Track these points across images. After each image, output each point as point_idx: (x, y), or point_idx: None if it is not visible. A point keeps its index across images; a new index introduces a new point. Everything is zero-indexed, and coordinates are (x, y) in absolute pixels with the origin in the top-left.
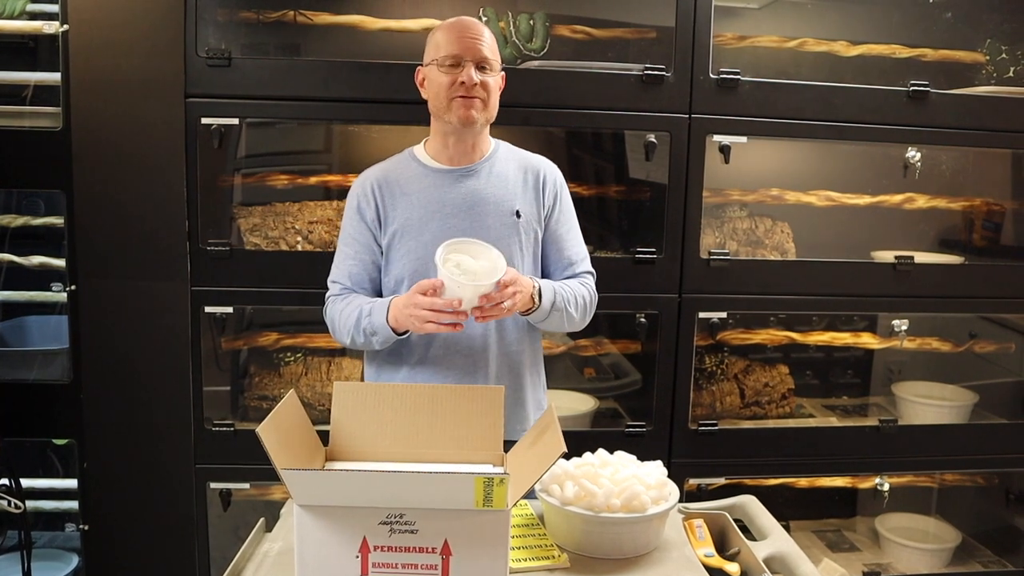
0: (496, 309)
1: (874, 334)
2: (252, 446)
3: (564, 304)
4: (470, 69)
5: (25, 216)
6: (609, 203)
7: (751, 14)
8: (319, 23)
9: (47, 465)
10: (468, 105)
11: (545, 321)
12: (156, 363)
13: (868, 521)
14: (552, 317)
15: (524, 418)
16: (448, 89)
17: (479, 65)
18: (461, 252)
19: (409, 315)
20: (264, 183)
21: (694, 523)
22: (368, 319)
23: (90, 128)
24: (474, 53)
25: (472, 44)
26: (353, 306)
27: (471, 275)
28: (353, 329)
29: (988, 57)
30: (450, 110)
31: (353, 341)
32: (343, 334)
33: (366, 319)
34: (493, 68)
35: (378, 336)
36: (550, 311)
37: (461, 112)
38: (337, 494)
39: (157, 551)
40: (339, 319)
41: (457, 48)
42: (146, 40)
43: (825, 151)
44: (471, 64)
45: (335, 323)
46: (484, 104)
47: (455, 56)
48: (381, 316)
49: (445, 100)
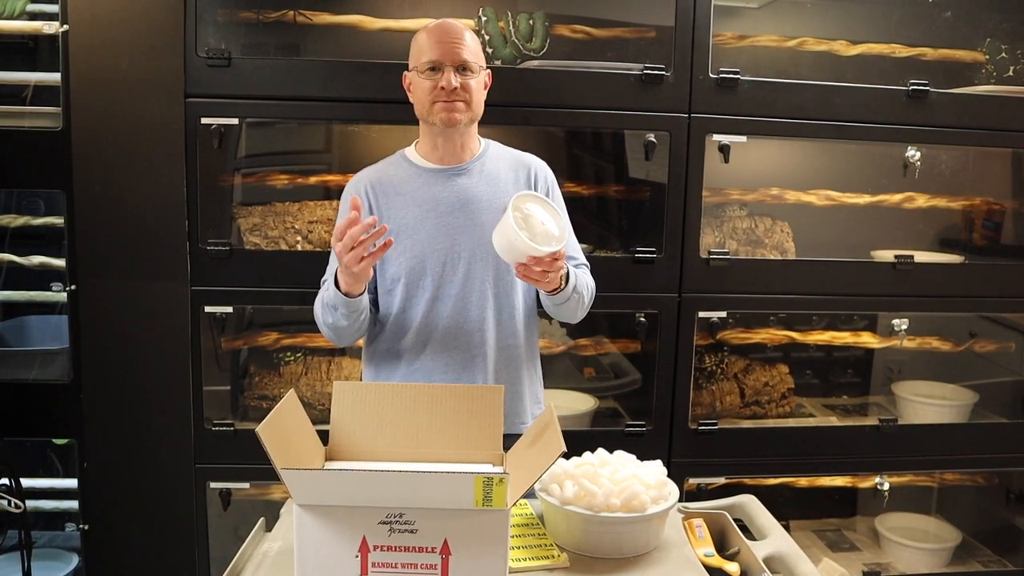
0: (540, 274)
1: (874, 333)
2: (252, 446)
3: (581, 289)
4: (449, 74)
5: (25, 216)
6: (609, 203)
7: (751, 13)
8: (319, 23)
9: (47, 465)
10: (450, 108)
11: (564, 304)
12: (156, 363)
13: (868, 521)
14: (571, 300)
15: (521, 411)
16: (430, 94)
17: (459, 68)
18: (535, 204)
19: (344, 266)
20: (264, 183)
21: (694, 523)
22: (327, 294)
23: (90, 128)
24: (453, 57)
25: (450, 48)
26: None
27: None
28: (323, 311)
29: (988, 56)
30: (433, 113)
31: (326, 324)
32: (320, 322)
33: (327, 295)
34: (474, 69)
35: (339, 308)
36: (571, 294)
37: (443, 115)
38: (337, 494)
39: (157, 551)
40: (317, 309)
41: (435, 53)
42: (146, 40)
43: (825, 150)
44: (450, 68)
45: (317, 315)
46: (467, 105)
47: (434, 61)
48: (333, 286)
49: (428, 104)
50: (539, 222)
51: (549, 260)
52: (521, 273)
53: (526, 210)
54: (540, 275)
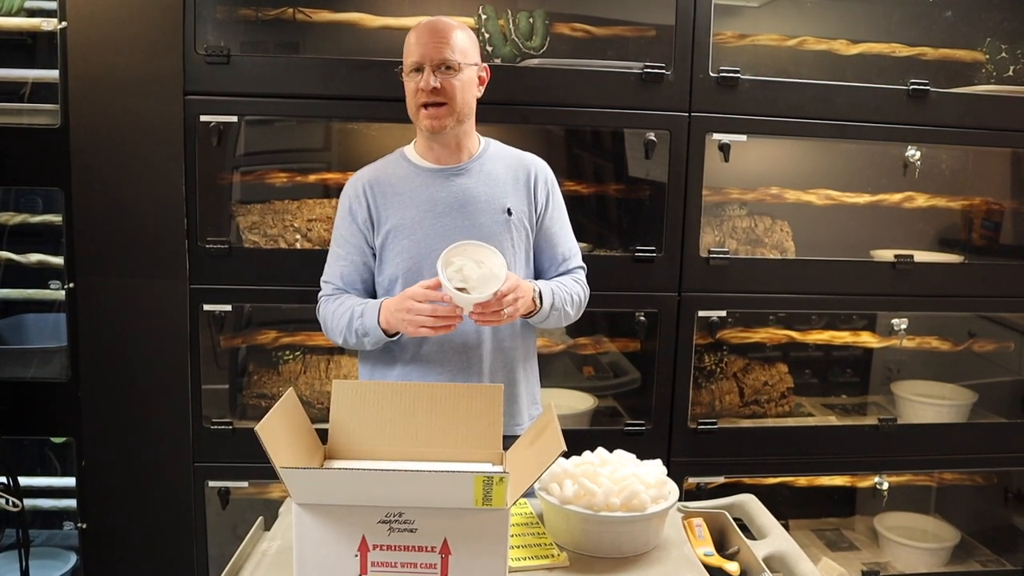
0: (495, 316)
1: (873, 333)
2: (251, 444)
3: (562, 304)
4: (428, 75)
5: (23, 214)
6: (608, 202)
7: (751, 12)
8: (318, 21)
9: (45, 463)
10: (432, 115)
11: (544, 321)
12: (154, 361)
13: (867, 520)
14: (551, 317)
15: (518, 414)
16: (414, 96)
17: (441, 67)
18: (464, 256)
19: (402, 319)
20: (263, 181)
21: (693, 522)
22: (360, 320)
23: (88, 125)
24: (432, 57)
25: (431, 48)
26: (345, 307)
27: (471, 282)
28: (345, 330)
29: (988, 56)
30: (419, 119)
31: (345, 341)
32: (335, 334)
33: (358, 320)
34: (456, 68)
35: (370, 337)
36: (549, 312)
37: (427, 123)
38: (336, 493)
39: (155, 550)
40: (331, 319)
41: (416, 54)
42: (145, 37)
43: (825, 150)
44: (429, 69)
45: (327, 323)
46: (449, 106)
47: (415, 63)
48: (373, 318)
49: (414, 108)
50: (475, 265)
51: (496, 301)
52: (477, 321)
53: (457, 264)
54: (495, 316)
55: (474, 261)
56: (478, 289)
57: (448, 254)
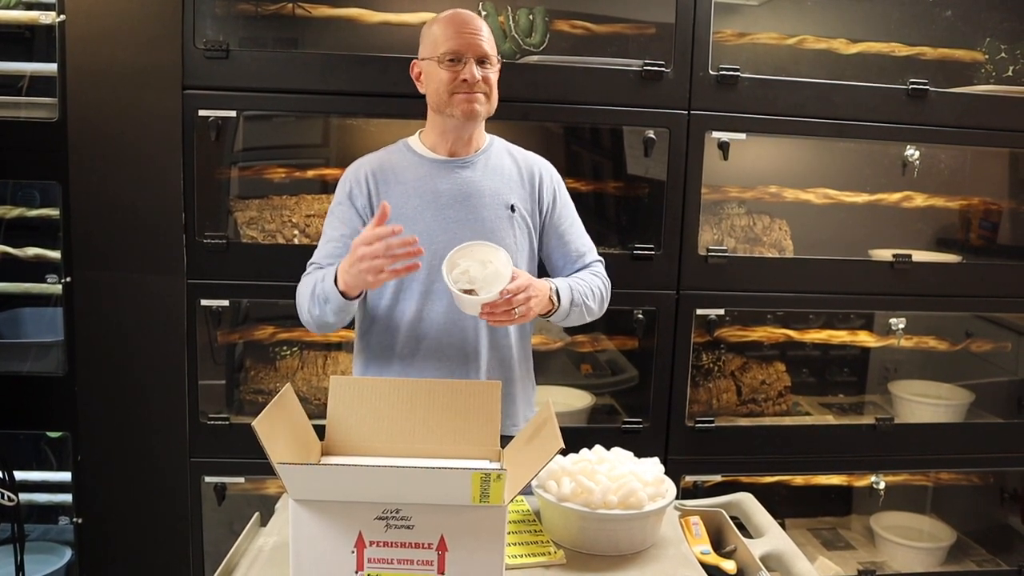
0: (505, 315)
1: (871, 332)
2: (247, 440)
3: (582, 299)
4: (472, 67)
5: (20, 207)
6: (607, 199)
7: (751, 11)
8: (317, 16)
9: (41, 458)
10: (472, 100)
11: (567, 319)
12: (151, 356)
13: (863, 519)
14: (572, 314)
15: (514, 413)
16: (449, 85)
17: (480, 60)
18: (469, 258)
19: (359, 271)
20: (261, 176)
21: (690, 520)
22: (321, 285)
23: (86, 119)
24: (475, 49)
25: (472, 40)
26: (312, 278)
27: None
28: (309, 299)
29: (987, 56)
30: (452, 104)
31: (311, 314)
32: (303, 309)
33: (319, 285)
34: (493, 62)
35: (331, 303)
36: (569, 309)
37: (464, 106)
38: (333, 489)
39: (151, 545)
40: (300, 294)
41: (457, 44)
42: (143, 31)
43: (824, 149)
44: (472, 61)
45: (299, 299)
46: (487, 98)
47: (456, 52)
48: (331, 280)
49: (447, 95)
50: (481, 266)
51: (504, 300)
52: (490, 321)
53: (463, 266)
54: (506, 315)
55: (479, 262)
56: (485, 289)
57: (453, 256)
